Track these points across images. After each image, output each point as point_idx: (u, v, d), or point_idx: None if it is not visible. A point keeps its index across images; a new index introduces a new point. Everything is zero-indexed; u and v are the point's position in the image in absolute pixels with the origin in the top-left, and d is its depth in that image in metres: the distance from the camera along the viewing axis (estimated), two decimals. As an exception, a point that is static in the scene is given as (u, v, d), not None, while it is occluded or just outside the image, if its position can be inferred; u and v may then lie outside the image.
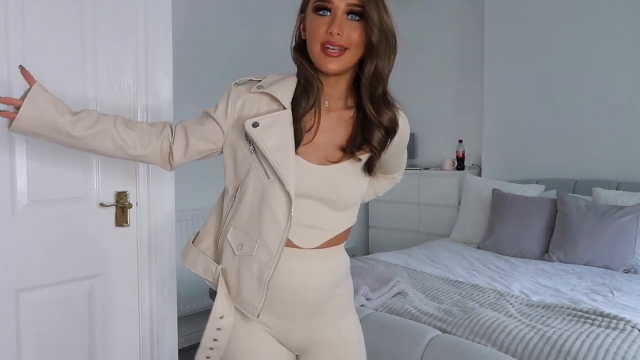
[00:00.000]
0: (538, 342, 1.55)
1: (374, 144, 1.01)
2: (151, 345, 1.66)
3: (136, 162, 1.59)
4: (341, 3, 0.94)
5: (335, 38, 0.94)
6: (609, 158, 3.10)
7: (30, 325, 1.39)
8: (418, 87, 4.16)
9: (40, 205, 1.39)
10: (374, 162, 1.04)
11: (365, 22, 0.95)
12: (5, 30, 1.30)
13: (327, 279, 1.06)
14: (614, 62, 3.07)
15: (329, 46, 0.94)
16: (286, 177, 0.96)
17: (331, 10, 0.95)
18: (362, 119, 1.03)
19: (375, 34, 0.95)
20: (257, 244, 0.99)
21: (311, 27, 0.97)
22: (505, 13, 3.56)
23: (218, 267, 1.05)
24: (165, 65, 1.65)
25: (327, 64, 0.96)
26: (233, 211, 1.04)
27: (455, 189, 3.61)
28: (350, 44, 0.96)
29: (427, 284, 2.23)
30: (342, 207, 1.05)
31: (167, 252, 1.69)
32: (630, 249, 2.55)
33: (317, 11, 0.96)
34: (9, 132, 1.32)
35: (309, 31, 0.98)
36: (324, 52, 0.95)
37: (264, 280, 0.99)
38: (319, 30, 0.95)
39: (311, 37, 0.97)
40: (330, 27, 0.94)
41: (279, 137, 0.98)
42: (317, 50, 0.96)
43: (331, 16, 0.95)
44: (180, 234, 2.76)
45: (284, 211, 0.97)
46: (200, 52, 2.88)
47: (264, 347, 1.06)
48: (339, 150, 1.03)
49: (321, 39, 0.95)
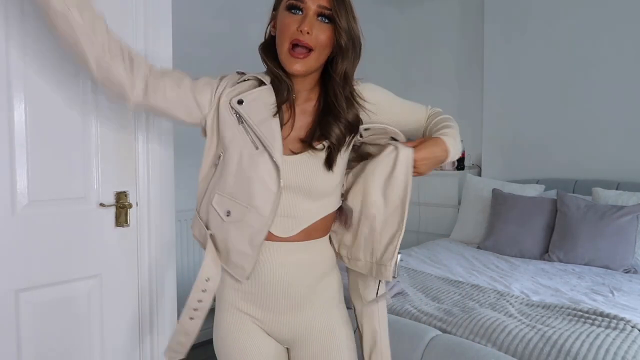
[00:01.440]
0: (538, 342, 1.55)
1: (332, 139, 1.04)
2: (151, 345, 1.65)
3: (136, 162, 1.59)
4: (313, 4, 0.98)
5: (305, 37, 0.98)
6: (609, 158, 3.10)
7: (30, 325, 1.39)
8: (418, 87, 4.16)
9: (40, 205, 1.39)
10: (332, 157, 1.05)
11: (334, 25, 1.00)
12: (6, 30, 1.30)
13: (307, 271, 1.08)
14: (614, 62, 3.07)
15: (298, 44, 0.99)
16: (272, 147, 0.99)
17: (303, 10, 0.99)
18: (323, 112, 1.07)
19: (344, 37, 1.00)
20: (247, 210, 1.01)
21: (282, 24, 1.01)
22: (505, 13, 3.56)
23: (207, 232, 1.08)
24: (165, 65, 1.65)
25: (293, 65, 1.00)
26: (217, 178, 1.06)
27: (455, 189, 3.61)
28: (317, 45, 1.00)
29: (427, 284, 2.24)
30: (316, 196, 1.06)
31: (167, 252, 1.68)
32: (630, 249, 2.55)
33: (290, 9, 0.99)
34: (8, 132, 1.32)
35: (280, 28, 1.01)
36: (290, 53, 1.00)
37: (256, 244, 1.02)
38: (290, 28, 0.99)
39: (281, 34, 1.01)
40: (300, 25, 0.98)
41: (262, 111, 1.03)
42: (285, 50, 1.00)
43: (302, 15, 0.99)
44: (180, 234, 2.76)
45: (274, 179, 1.00)
46: (200, 51, 2.88)
47: (252, 339, 1.09)
48: (298, 142, 1.06)
49: (291, 37, 0.99)
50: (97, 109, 1.50)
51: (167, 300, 1.69)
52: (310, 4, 0.98)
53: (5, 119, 1.32)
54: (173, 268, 1.71)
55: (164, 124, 1.65)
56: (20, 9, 1.33)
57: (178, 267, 2.77)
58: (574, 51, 3.24)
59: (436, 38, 4.07)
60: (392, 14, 4.25)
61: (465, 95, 3.90)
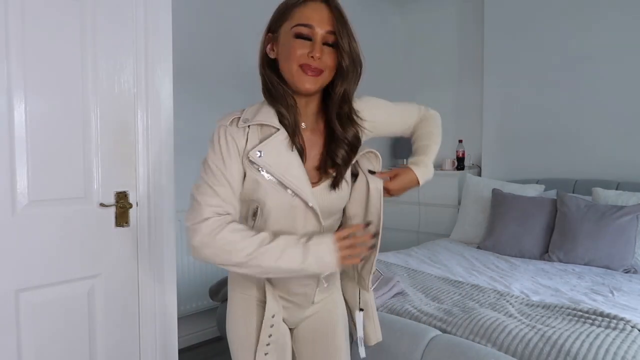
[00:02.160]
0: (538, 342, 1.55)
1: (338, 161, 1.09)
2: (151, 345, 1.66)
3: (136, 162, 1.60)
4: (320, 31, 1.01)
5: (316, 62, 1.01)
6: (609, 158, 3.10)
7: (30, 325, 1.39)
8: (418, 87, 4.16)
9: (40, 205, 1.39)
10: (338, 179, 1.09)
11: (337, 49, 1.03)
12: (6, 30, 1.30)
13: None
14: (614, 62, 3.07)
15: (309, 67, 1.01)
16: (303, 193, 1.03)
17: (312, 37, 1.01)
18: (329, 138, 1.11)
19: (346, 60, 1.04)
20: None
21: (290, 49, 1.02)
22: (505, 13, 3.56)
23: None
24: (165, 65, 1.65)
25: (304, 83, 1.02)
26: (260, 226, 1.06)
27: (455, 189, 3.61)
28: (326, 67, 1.03)
29: (427, 284, 2.23)
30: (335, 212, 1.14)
31: (167, 252, 1.68)
32: (630, 249, 2.55)
33: (298, 37, 1.01)
34: (9, 132, 1.32)
35: (287, 53, 1.03)
36: (302, 70, 1.02)
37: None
38: (298, 52, 1.01)
39: (289, 58, 1.02)
40: (312, 52, 1.01)
41: (283, 157, 1.03)
42: (295, 69, 1.02)
43: (312, 42, 1.01)
44: (180, 234, 2.76)
45: (313, 222, 1.07)
46: (200, 52, 2.88)
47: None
48: (315, 170, 1.10)
49: (300, 61, 1.01)
50: (97, 109, 1.50)
51: (167, 300, 1.69)
52: (317, 30, 1.01)
53: (5, 119, 1.32)
54: (173, 268, 1.71)
55: (163, 124, 1.66)
56: (20, 8, 1.33)
57: (178, 267, 2.78)
58: (574, 51, 3.24)
59: (436, 38, 4.07)
60: (392, 14, 4.25)
61: (465, 95, 3.90)
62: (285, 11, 1.04)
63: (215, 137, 1.05)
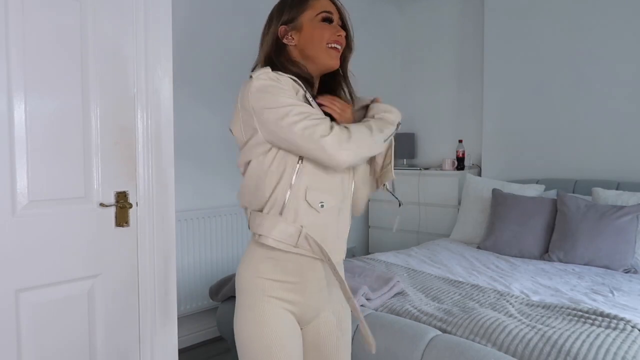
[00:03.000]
0: (538, 342, 1.55)
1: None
2: (151, 345, 1.66)
3: (136, 162, 1.60)
4: (336, 15, 1.21)
5: (342, 40, 1.20)
6: (609, 158, 3.10)
7: (30, 325, 1.39)
8: (418, 87, 4.16)
9: (40, 205, 1.39)
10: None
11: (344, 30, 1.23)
12: (6, 30, 1.30)
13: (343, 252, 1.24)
14: (614, 62, 3.07)
15: (337, 46, 1.18)
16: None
17: (333, 21, 1.20)
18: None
19: (352, 38, 1.24)
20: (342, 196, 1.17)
21: (319, 33, 1.18)
22: (505, 13, 3.56)
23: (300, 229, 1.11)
24: (165, 65, 1.65)
25: (333, 59, 1.18)
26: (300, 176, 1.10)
27: (455, 189, 3.61)
28: (344, 45, 1.22)
29: (427, 284, 2.24)
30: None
31: (167, 252, 1.68)
32: (630, 249, 2.55)
33: (324, 21, 1.19)
34: (9, 132, 1.32)
35: (316, 36, 1.17)
36: (333, 49, 1.18)
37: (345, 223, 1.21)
38: (326, 35, 1.17)
39: (318, 41, 1.17)
40: (339, 31, 1.19)
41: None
42: (324, 48, 1.17)
43: (333, 24, 1.19)
44: (180, 234, 2.77)
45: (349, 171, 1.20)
46: (200, 52, 2.88)
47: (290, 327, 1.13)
48: None
49: (329, 40, 1.17)
50: (97, 109, 1.50)
51: (167, 300, 1.69)
52: (335, 15, 1.20)
53: (5, 119, 1.32)
54: (173, 268, 1.71)
55: (163, 124, 1.66)
56: (20, 8, 1.33)
57: (178, 267, 2.78)
58: (574, 51, 3.24)
59: (436, 37, 4.07)
60: (392, 13, 4.25)
61: (465, 95, 3.90)
62: (300, 4, 1.19)
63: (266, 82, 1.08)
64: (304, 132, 1.04)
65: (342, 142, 1.05)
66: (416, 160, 4.13)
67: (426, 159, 4.10)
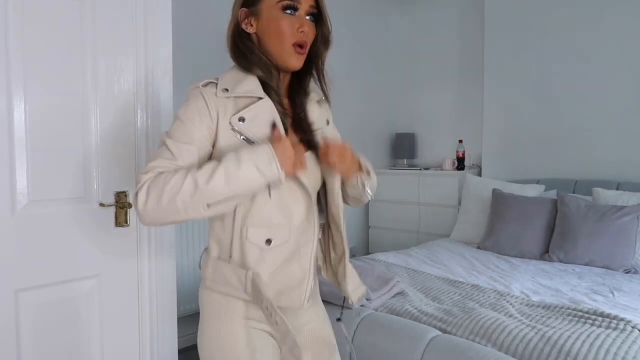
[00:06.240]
0: (538, 342, 1.55)
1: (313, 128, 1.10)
2: (151, 345, 1.65)
3: (136, 162, 1.60)
4: (305, 4, 1.02)
5: (306, 36, 1.02)
6: (609, 158, 3.10)
7: (30, 325, 1.39)
8: (418, 87, 4.16)
9: (40, 205, 1.39)
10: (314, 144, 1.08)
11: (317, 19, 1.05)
12: (5, 30, 1.30)
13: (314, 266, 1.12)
14: (614, 62, 3.07)
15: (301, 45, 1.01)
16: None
17: (298, 9, 1.01)
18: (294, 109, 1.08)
19: (328, 27, 1.06)
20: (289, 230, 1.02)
21: (279, 24, 1.01)
22: (505, 13, 3.56)
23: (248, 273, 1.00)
24: (165, 65, 1.65)
25: (295, 62, 1.02)
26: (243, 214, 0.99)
27: (455, 189, 3.61)
28: (309, 41, 1.04)
29: (427, 284, 2.23)
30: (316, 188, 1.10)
31: (167, 252, 1.68)
32: (631, 249, 2.55)
33: (286, 9, 1.00)
34: (8, 132, 1.32)
35: (276, 28, 1.01)
36: (294, 49, 1.01)
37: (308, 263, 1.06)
38: (289, 29, 1.00)
39: (281, 34, 1.01)
40: (301, 27, 1.00)
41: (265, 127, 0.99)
42: (288, 47, 1.01)
43: (297, 16, 1.01)
44: (180, 234, 2.76)
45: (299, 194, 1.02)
46: (200, 52, 2.88)
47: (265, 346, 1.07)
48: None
49: (293, 38, 1.00)
50: (97, 109, 1.50)
51: (167, 300, 1.69)
52: (304, 3, 1.01)
53: (5, 119, 1.32)
54: (173, 268, 1.71)
55: (163, 124, 1.65)
56: (20, 8, 1.33)
57: (178, 267, 2.77)
58: (574, 51, 3.23)
59: (436, 38, 4.07)
60: (392, 14, 4.24)
61: (465, 95, 3.89)
62: None
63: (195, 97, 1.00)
64: (143, 168, 0.95)
65: (149, 201, 0.90)
66: (416, 160, 4.13)
67: (426, 159, 4.10)
